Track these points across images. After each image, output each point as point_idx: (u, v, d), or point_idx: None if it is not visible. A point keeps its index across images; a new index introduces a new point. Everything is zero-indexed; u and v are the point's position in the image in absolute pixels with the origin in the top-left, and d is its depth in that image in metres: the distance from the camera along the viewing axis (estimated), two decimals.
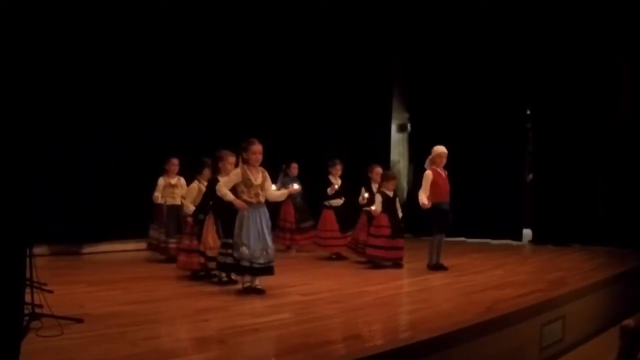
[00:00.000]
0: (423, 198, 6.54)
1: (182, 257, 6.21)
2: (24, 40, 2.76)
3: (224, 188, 5.20)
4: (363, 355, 3.35)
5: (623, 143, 8.93)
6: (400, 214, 7.12)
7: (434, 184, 6.62)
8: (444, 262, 6.80)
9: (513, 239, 9.90)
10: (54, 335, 3.61)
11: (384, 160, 11.09)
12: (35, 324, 3.78)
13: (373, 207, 7.00)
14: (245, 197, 5.17)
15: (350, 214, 7.75)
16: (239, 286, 5.34)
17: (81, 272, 6.46)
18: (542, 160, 9.93)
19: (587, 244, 9.01)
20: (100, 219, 7.95)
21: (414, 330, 4.13)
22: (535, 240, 9.80)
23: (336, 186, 7.72)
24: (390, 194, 7.10)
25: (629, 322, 3.47)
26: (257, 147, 5.21)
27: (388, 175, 7.23)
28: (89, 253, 7.87)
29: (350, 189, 7.73)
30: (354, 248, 7.52)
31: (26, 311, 3.60)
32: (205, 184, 6.29)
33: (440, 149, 6.79)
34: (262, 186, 5.26)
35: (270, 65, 9.55)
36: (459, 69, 10.67)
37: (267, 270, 5.19)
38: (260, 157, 5.25)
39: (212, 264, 5.74)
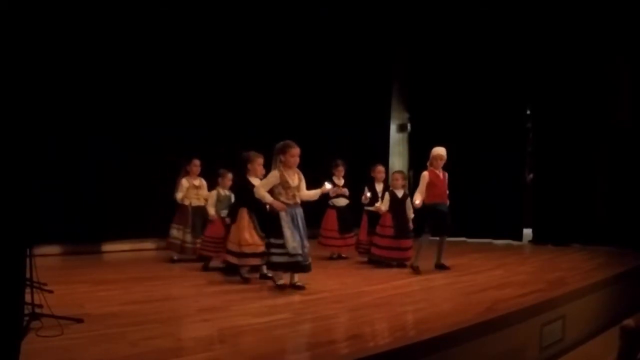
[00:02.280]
0: (416, 197, 6.50)
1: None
2: (24, 40, 2.76)
3: (262, 190, 5.29)
4: (363, 355, 3.35)
5: (623, 143, 8.93)
6: (412, 215, 7.04)
7: (430, 185, 6.56)
8: (444, 262, 6.80)
9: (513, 239, 9.91)
10: (54, 335, 3.60)
11: (384, 160, 11.10)
12: (35, 324, 3.78)
13: (381, 206, 6.99)
14: (283, 198, 5.27)
15: (353, 215, 7.74)
16: (242, 285, 5.33)
17: (81, 272, 6.46)
18: (542, 160, 9.93)
19: (587, 244, 9.01)
20: (100, 219, 7.96)
21: (414, 330, 4.13)
22: (535, 240, 9.80)
23: (338, 189, 7.71)
24: (399, 193, 7.05)
25: (629, 322, 3.47)
26: (296, 150, 5.32)
27: (397, 175, 7.19)
28: (89, 253, 7.86)
29: (351, 190, 7.73)
30: (356, 248, 7.54)
31: (26, 311, 3.60)
32: (225, 192, 6.64)
33: (438, 150, 6.72)
34: (298, 187, 5.36)
35: (270, 65, 9.55)
36: (458, 69, 10.68)
37: (306, 267, 5.34)
38: (297, 160, 5.35)
39: (249, 260, 5.76)
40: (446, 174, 6.78)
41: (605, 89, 9.15)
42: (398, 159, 11.54)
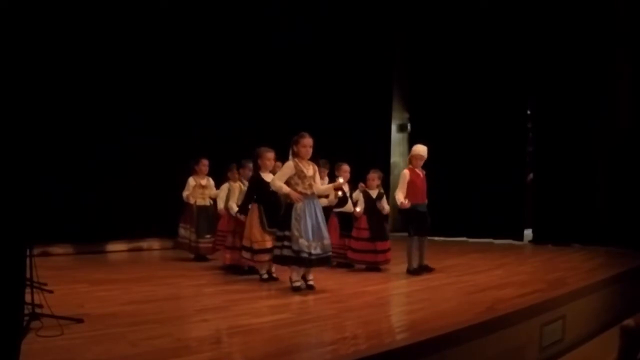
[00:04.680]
0: (400, 197, 6.24)
1: (228, 255, 6.39)
2: (29, 41, 2.76)
3: (278, 182, 5.33)
4: (363, 356, 3.34)
5: (623, 142, 8.94)
6: (387, 208, 6.78)
7: (411, 184, 6.33)
8: (442, 262, 6.78)
9: (514, 239, 9.91)
10: (54, 335, 3.60)
11: (384, 160, 11.10)
12: (35, 324, 3.77)
13: (357, 209, 6.75)
14: (300, 188, 5.30)
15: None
16: (242, 285, 5.33)
17: (81, 272, 6.46)
18: (542, 160, 9.93)
19: (587, 244, 9.01)
20: (100, 218, 7.95)
21: (414, 330, 4.13)
22: (535, 240, 9.80)
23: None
24: (374, 193, 6.78)
25: (629, 322, 3.47)
26: (308, 141, 5.35)
27: (370, 172, 6.88)
28: (89, 253, 7.87)
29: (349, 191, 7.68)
30: None
31: (26, 311, 3.59)
32: (235, 185, 6.64)
33: (420, 149, 6.46)
34: (314, 178, 5.40)
35: (270, 65, 9.54)
36: (459, 69, 10.68)
37: (325, 260, 5.34)
38: (310, 150, 5.39)
39: (260, 257, 5.79)
40: (424, 172, 6.52)
41: (605, 89, 9.15)
42: (398, 159, 11.54)
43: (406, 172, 6.43)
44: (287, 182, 5.32)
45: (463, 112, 10.58)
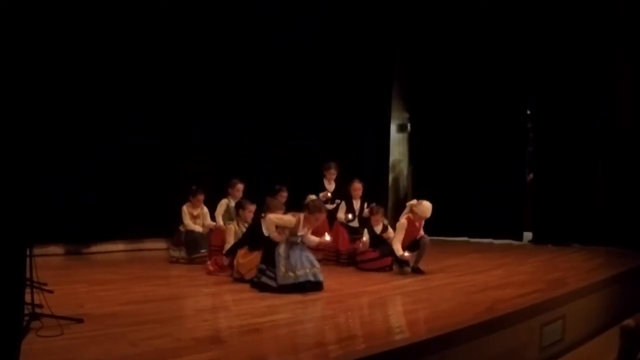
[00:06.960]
0: (400, 249, 6.38)
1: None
2: (29, 41, 2.76)
3: (272, 225, 5.48)
4: (362, 356, 3.35)
5: (623, 142, 8.94)
6: (392, 236, 6.75)
7: (407, 233, 6.46)
8: (442, 262, 6.83)
9: (514, 239, 9.91)
10: (54, 335, 3.60)
11: (384, 160, 11.10)
12: (35, 324, 3.77)
13: (364, 238, 6.82)
14: (284, 236, 5.44)
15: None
16: (242, 285, 5.33)
17: (81, 272, 6.45)
18: (542, 160, 9.93)
19: (587, 244, 9.01)
20: (100, 219, 7.94)
21: (413, 330, 4.13)
22: (535, 240, 9.80)
23: (329, 193, 7.64)
24: (378, 229, 6.87)
25: (629, 322, 3.47)
26: (322, 216, 5.64)
27: (373, 210, 6.98)
28: (89, 253, 7.86)
29: (343, 193, 7.68)
30: (335, 260, 7.19)
31: (26, 311, 3.59)
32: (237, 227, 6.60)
33: (427, 211, 6.51)
34: (304, 236, 5.52)
35: (269, 66, 9.51)
36: (459, 69, 10.67)
37: (317, 285, 5.34)
38: (318, 224, 5.68)
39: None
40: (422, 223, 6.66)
41: (605, 89, 9.15)
42: (398, 159, 11.54)
43: (404, 222, 6.53)
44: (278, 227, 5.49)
45: (463, 112, 10.57)
